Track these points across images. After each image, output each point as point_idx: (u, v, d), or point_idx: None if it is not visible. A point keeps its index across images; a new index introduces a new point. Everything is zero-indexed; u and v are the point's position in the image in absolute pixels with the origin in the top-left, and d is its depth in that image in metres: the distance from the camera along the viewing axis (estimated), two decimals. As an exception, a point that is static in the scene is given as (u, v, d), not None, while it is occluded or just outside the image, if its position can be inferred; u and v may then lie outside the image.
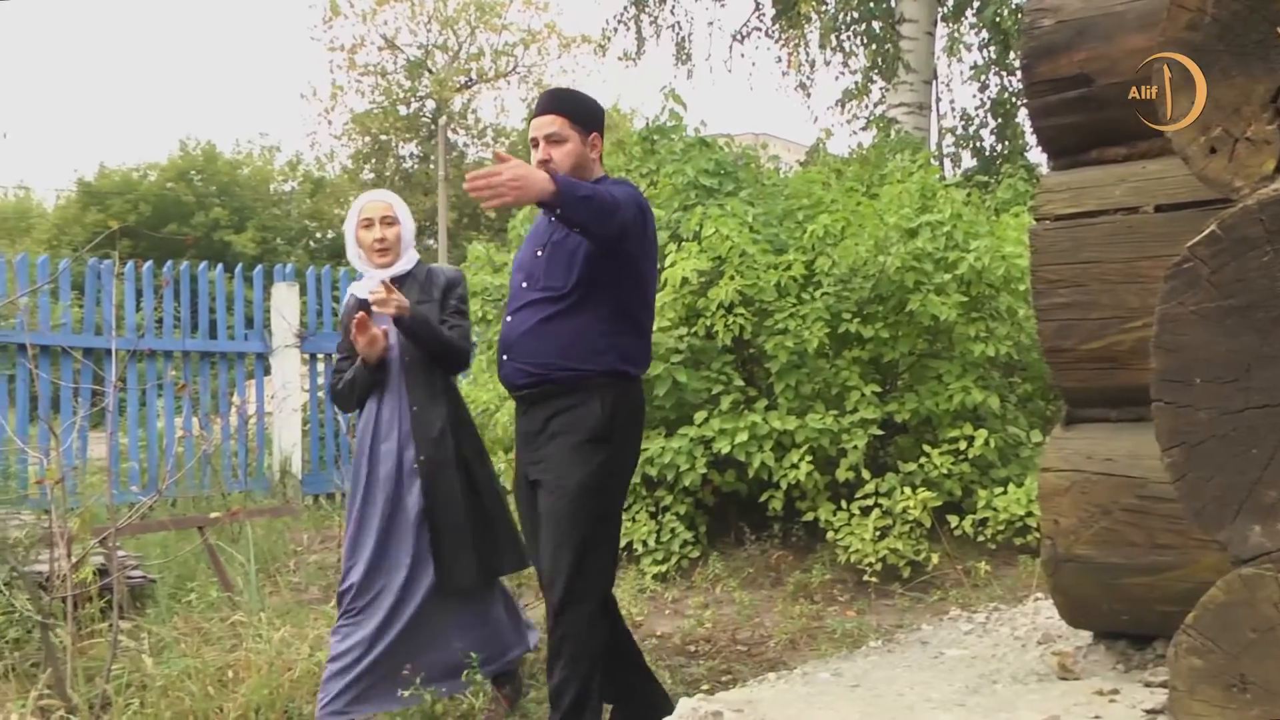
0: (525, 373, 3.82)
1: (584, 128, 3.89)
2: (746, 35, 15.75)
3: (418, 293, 4.39)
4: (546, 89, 4.01)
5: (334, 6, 34.30)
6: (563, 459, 3.75)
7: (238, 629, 5.16)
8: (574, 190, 3.48)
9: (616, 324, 3.82)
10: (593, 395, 3.75)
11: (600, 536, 3.79)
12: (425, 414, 4.35)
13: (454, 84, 35.42)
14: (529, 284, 3.88)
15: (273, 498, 9.30)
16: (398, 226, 4.45)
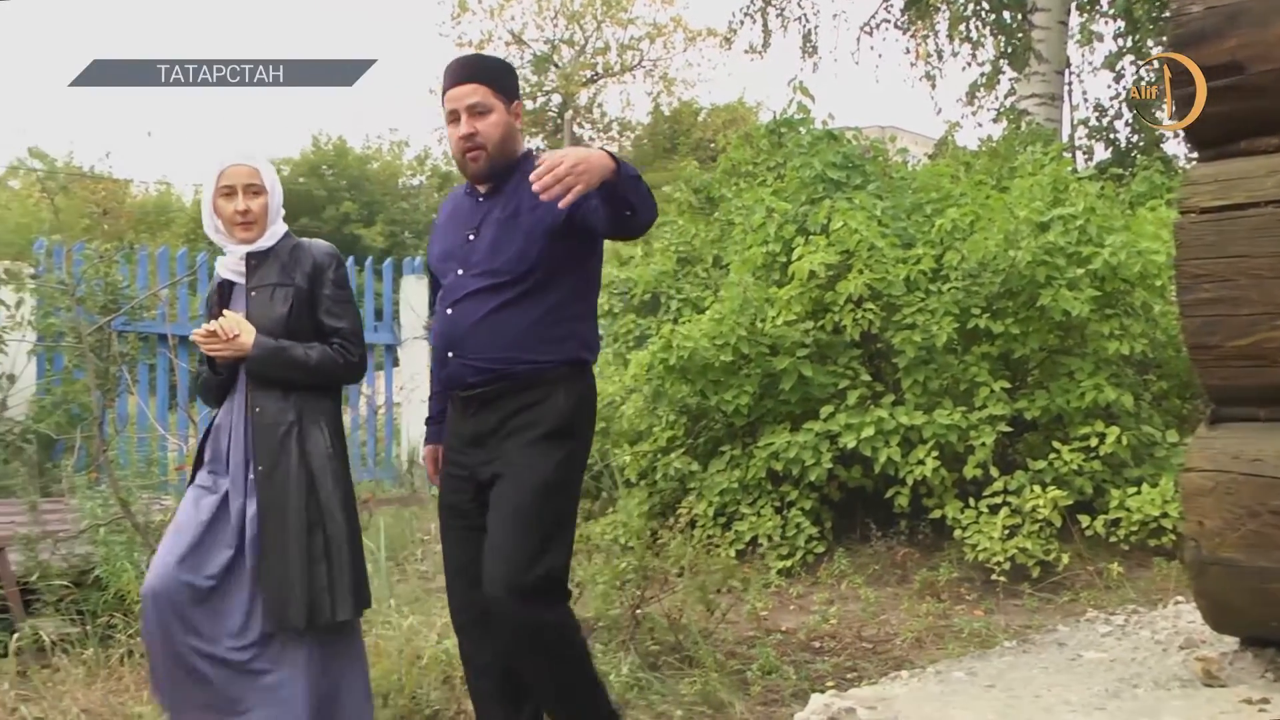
0: (478, 370, 3.42)
1: (506, 96, 3.51)
2: (874, 27, 15.58)
3: (276, 273, 3.80)
4: (456, 57, 3.58)
5: (462, 3, 34.74)
6: (525, 454, 3.37)
7: (367, 616, 5.24)
8: (629, 169, 3.15)
9: (575, 308, 3.49)
10: (555, 388, 3.41)
11: (563, 538, 3.44)
12: (267, 417, 3.70)
13: (580, 78, 35.63)
14: (465, 271, 3.47)
15: (400, 487, 9.44)
16: (264, 196, 3.82)
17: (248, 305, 3.76)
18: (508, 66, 3.68)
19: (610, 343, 8.69)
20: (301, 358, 3.71)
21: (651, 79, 36.61)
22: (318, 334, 3.78)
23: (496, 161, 3.47)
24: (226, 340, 3.63)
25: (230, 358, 3.68)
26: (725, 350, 6.77)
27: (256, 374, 3.70)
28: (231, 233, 3.81)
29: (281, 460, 3.66)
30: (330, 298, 3.82)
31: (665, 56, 36.37)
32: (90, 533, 5.50)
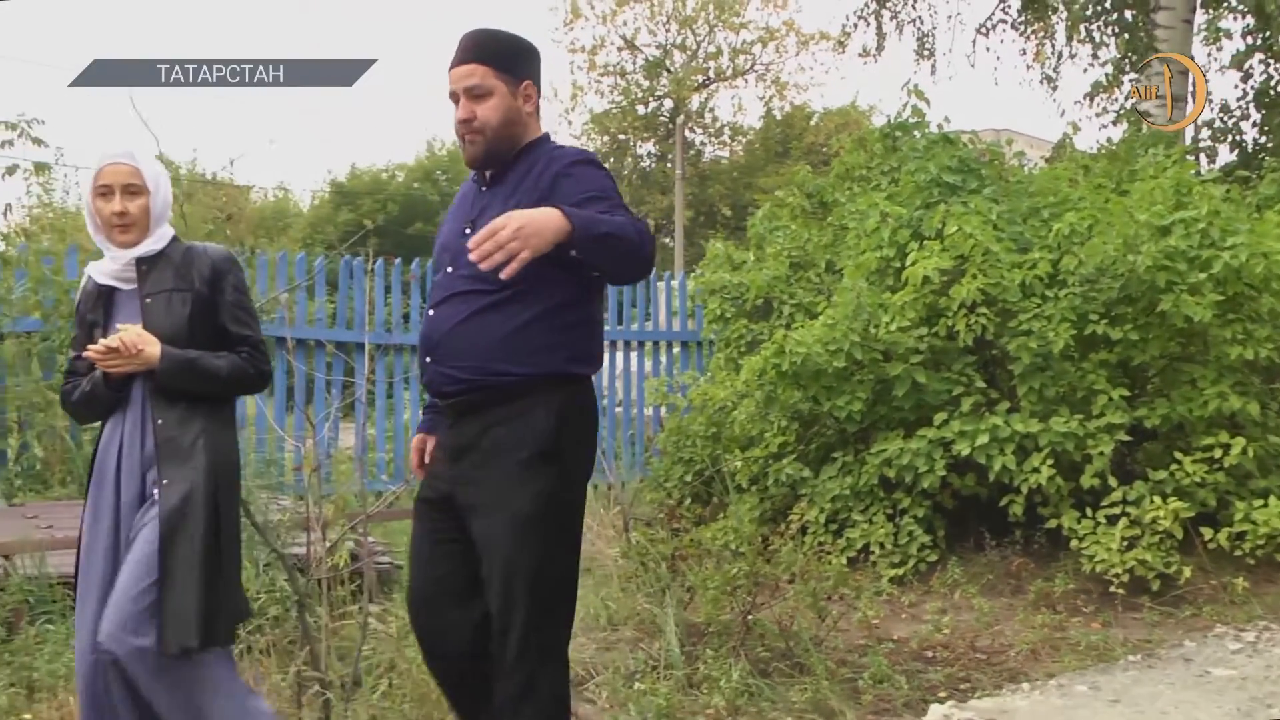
0: (454, 378, 3.15)
1: (513, 75, 3.21)
2: (991, 28, 15.36)
3: (171, 279, 3.53)
4: (466, 32, 3.30)
5: (575, 9, 34.92)
6: (504, 480, 3.09)
7: (480, 616, 5.29)
8: (590, 228, 2.88)
9: (568, 315, 3.16)
10: (537, 402, 3.10)
11: (558, 571, 3.16)
12: (171, 428, 3.46)
13: (692, 83, 35.62)
14: (456, 269, 3.19)
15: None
16: (144, 197, 3.51)
17: (143, 313, 3.48)
18: (516, 44, 3.29)
19: (722, 348, 8.69)
20: (213, 368, 3.49)
21: (764, 83, 36.45)
22: (219, 341, 3.54)
23: (495, 147, 3.20)
24: (130, 355, 3.36)
25: (131, 372, 3.42)
26: (838, 356, 6.73)
27: (164, 387, 3.44)
28: (109, 235, 3.52)
29: (188, 474, 3.41)
30: (233, 304, 3.58)
31: (778, 60, 36.15)
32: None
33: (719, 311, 8.60)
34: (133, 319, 3.47)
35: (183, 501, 3.38)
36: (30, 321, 7.85)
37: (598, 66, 35.66)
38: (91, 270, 3.61)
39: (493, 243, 2.78)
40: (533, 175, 3.16)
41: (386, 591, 5.84)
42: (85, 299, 3.61)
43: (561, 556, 3.16)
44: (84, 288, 3.65)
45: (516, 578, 3.06)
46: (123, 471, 3.46)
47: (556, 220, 2.82)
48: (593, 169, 3.21)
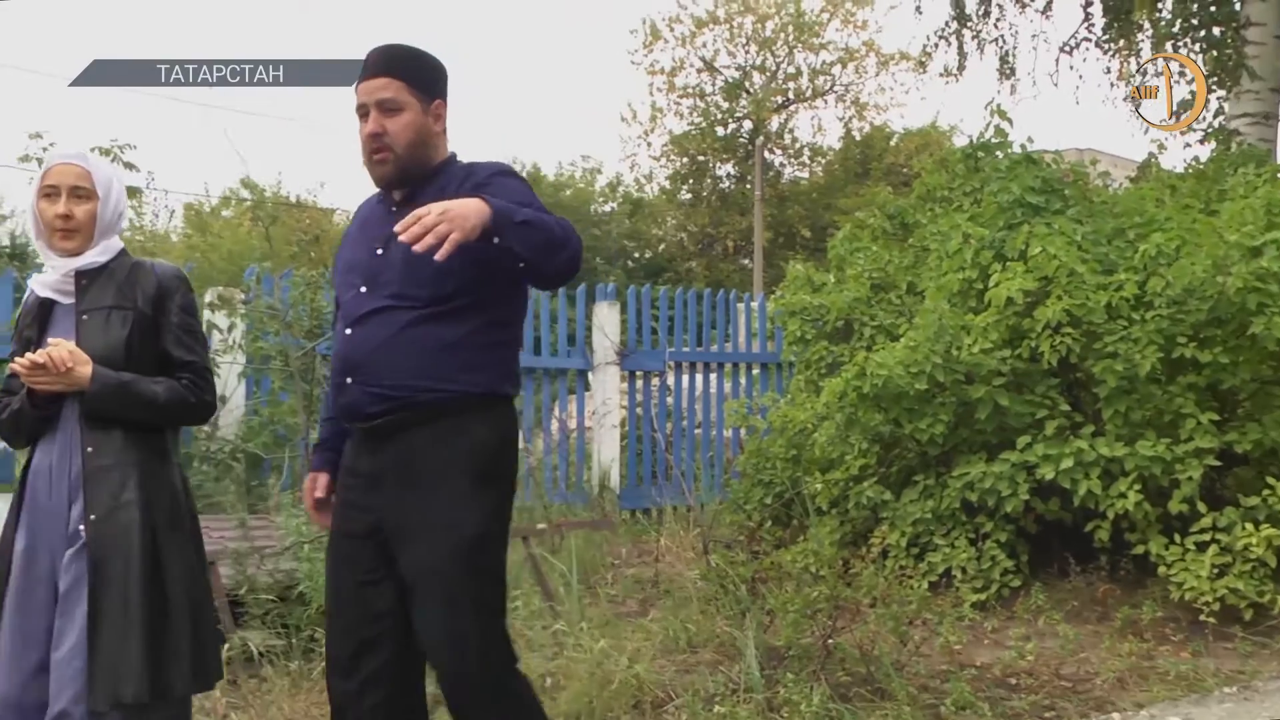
0: (379, 397, 2.99)
1: (425, 93, 3.11)
2: (1074, 46, 15.19)
3: (112, 295, 3.27)
4: (376, 47, 3.16)
5: (654, 31, 35.08)
6: (444, 503, 2.95)
7: (559, 638, 5.31)
8: (511, 214, 2.79)
9: (496, 334, 3.08)
10: (471, 421, 3.00)
11: (499, 597, 3.08)
12: (103, 458, 3.18)
13: (771, 104, 35.61)
14: (371, 289, 3.06)
15: (591, 511, 9.54)
16: (93, 203, 3.28)
17: (78, 331, 3.23)
18: (431, 61, 3.18)
19: (802, 370, 8.65)
20: (149, 394, 3.22)
21: (843, 104, 36.35)
22: (160, 366, 3.29)
23: (407, 166, 3.08)
24: (59, 373, 3.10)
25: (59, 392, 3.17)
26: (920, 378, 6.67)
27: (94, 411, 3.18)
28: (50, 241, 3.28)
29: (120, 509, 3.14)
30: (179, 326, 3.32)
31: (857, 81, 36.03)
32: (295, 549, 5.70)
33: (799, 333, 8.56)
34: (67, 336, 3.21)
35: (113, 540, 3.12)
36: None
37: (677, 88, 35.79)
38: (33, 282, 3.37)
39: (420, 226, 2.67)
40: (449, 191, 3.01)
41: (467, 611, 5.87)
42: (25, 312, 3.36)
43: (499, 578, 3.08)
44: (25, 300, 3.40)
45: (465, 599, 2.94)
46: (51, 499, 3.19)
47: (478, 205, 2.73)
48: (513, 179, 3.12)
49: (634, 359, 10.53)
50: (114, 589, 3.09)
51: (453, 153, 3.21)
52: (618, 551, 8.23)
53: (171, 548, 3.22)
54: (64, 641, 3.06)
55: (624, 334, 10.66)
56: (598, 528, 7.96)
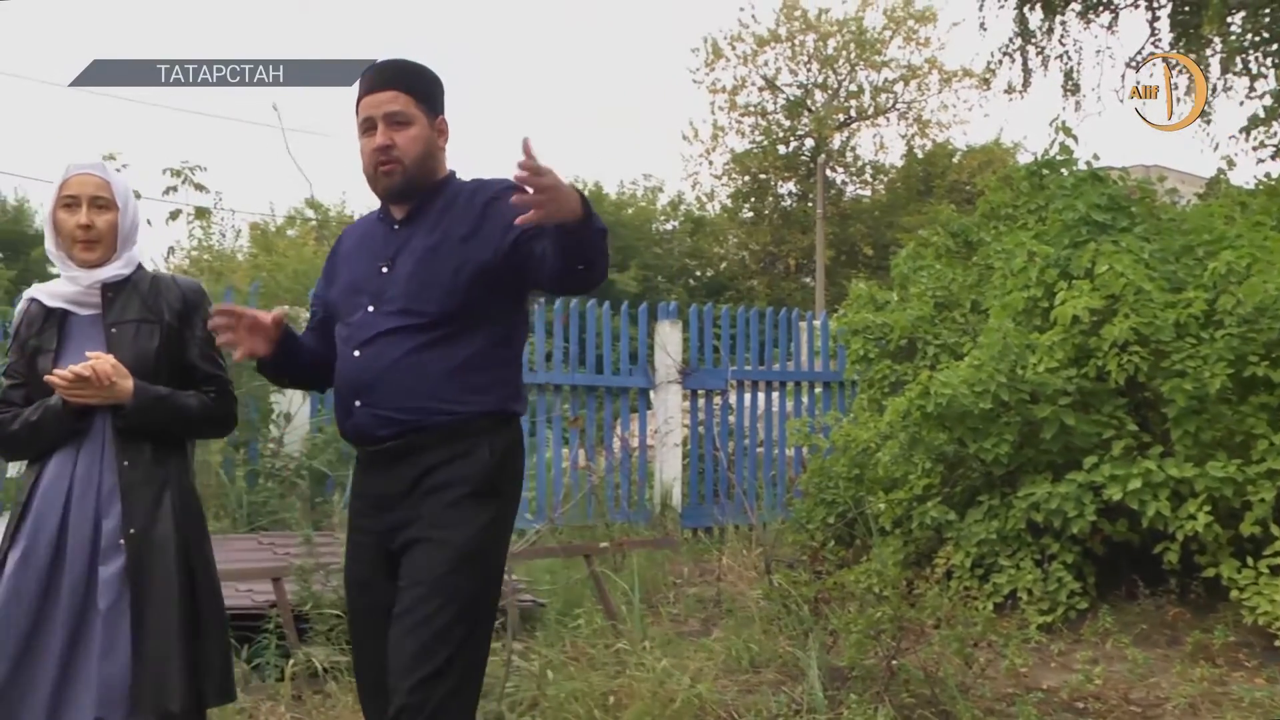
0: (390, 420, 2.97)
1: (430, 109, 3.10)
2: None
3: (138, 308, 3.30)
4: (378, 61, 3.15)
5: (716, 50, 35.10)
6: (444, 516, 2.93)
7: (621, 656, 5.31)
8: (598, 220, 2.76)
9: (501, 353, 3.07)
10: (478, 441, 2.97)
11: (486, 611, 2.99)
12: (140, 472, 3.21)
13: (833, 122, 35.52)
14: (378, 306, 3.03)
15: (653, 529, 9.54)
16: (113, 213, 3.29)
17: (108, 343, 3.23)
18: (434, 77, 3.17)
19: (865, 388, 8.62)
20: (184, 407, 3.27)
21: (905, 121, 36.18)
22: (183, 378, 3.32)
23: (414, 179, 3.06)
24: (102, 386, 3.11)
25: (96, 404, 3.17)
26: (984, 397, 6.62)
27: (131, 425, 3.20)
28: (71, 251, 3.28)
29: (159, 521, 3.18)
30: (205, 340, 3.32)
31: (920, 98, 35.85)
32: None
33: (862, 352, 8.53)
34: (93, 347, 3.20)
35: (153, 554, 3.15)
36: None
37: (739, 106, 35.78)
38: (38, 293, 3.35)
39: (533, 178, 2.58)
40: (457, 207, 3.04)
41: (529, 629, 5.89)
42: (28, 322, 3.32)
43: (491, 593, 3.00)
44: (25, 311, 3.36)
45: (450, 604, 2.86)
46: (71, 513, 3.16)
47: (575, 197, 2.67)
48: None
49: (696, 377, 10.52)
50: (156, 602, 3.13)
51: (452, 170, 3.18)
52: (679, 570, 8.22)
53: (200, 561, 3.27)
54: (113, 655, 3.08)
55: (686, 352, 10.67)
56: (660, 546, 7.96)
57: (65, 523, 3.15)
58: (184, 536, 3.22)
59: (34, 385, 3.24)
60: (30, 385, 3.26)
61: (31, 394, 3.25)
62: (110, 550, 3.14)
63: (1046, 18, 15.01)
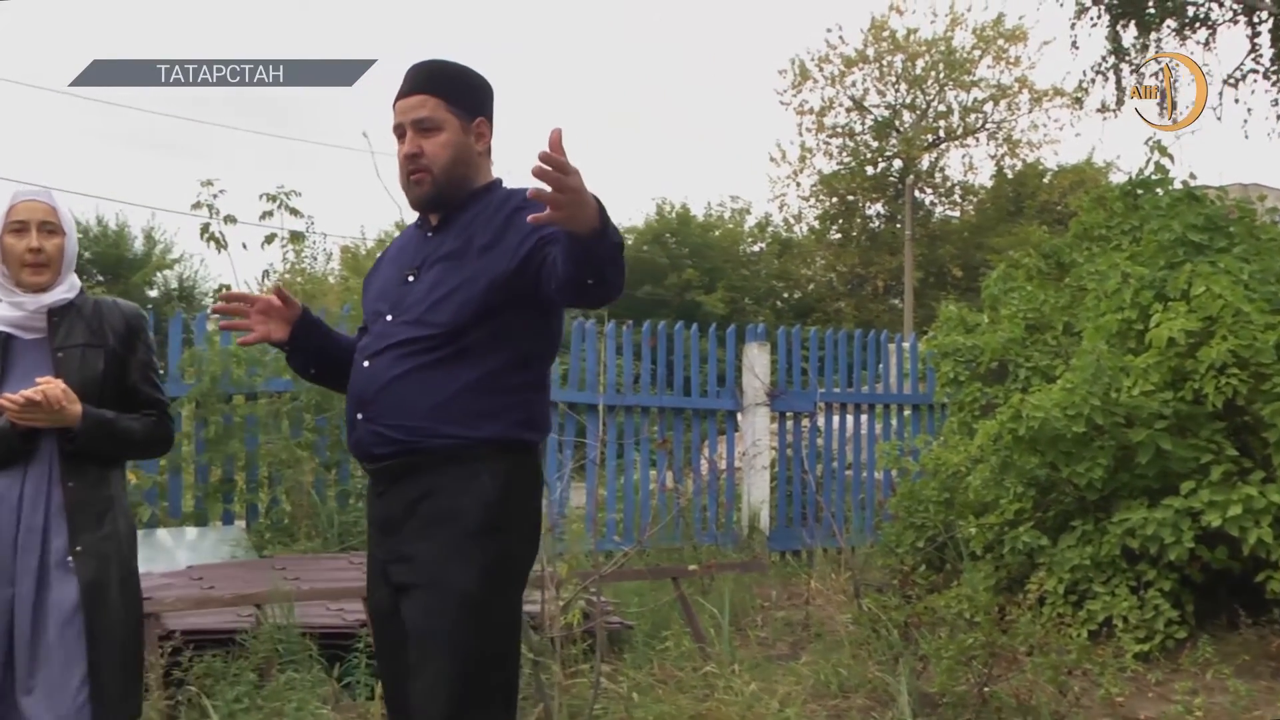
0: (387, 439, 2.82)
1: (465, 111, 2.93)
2: (1240, 79, 14.78)
3: (83, 332, 3.34)
4: (413, 64, 3.00)
5: (803, 71, 35.09)
6: (440, 556, 2.75)
7: (709, 679, 5.29)
8: (615, 232, 2.56)
9: (518, 376, 2.86)
10: (480, 470, 2.78)
11: (495, 659, 2.78)
12: (84, 492, 3.27)
13: (921, 143, 35.33)
14: (395, 317, 2.90)
15: (741, 552, 9.51)
16: (60, 237, 3.34)
17: (55, 367, 3.28)
18: (470, 77, 3.00)
19: (955, 411, 8.53)
20: (129, 430, 3.35)
21: (995, 141, 35.88)
22: (125, 401, 3.38)
23: (445, 188, 2.91)
24: (52, 411, 3.17)
25: (42, 426, 3.21)
26: (1077, 421, 6.52)
27: (78, 448, 3.25)
28: (18, 276, 3.31)
29: (104, 541, 3.26)
30: (146, 364, 3.43)
31: (1010, 118, 35.54)
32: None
33: (952, 374, 8.44)
34: (40, 371, 3.26)
35: (101, 573, 3.23)
36: (281, 382, 8.22)
37: (826, 128, 35.73)
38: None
39: (555, 173, 2.36)
40: (485, 215, 2.90)
41: (617, 651, 5.90)
42: None
43: (502, 640, 2.81)
44: None
45: (456, 661, 2.71)
46: (20, 532, 3.22)
47: (594, 205, 2.46)
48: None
49: (784, 400, 10.50)
50: (106, 616, 3.22)
51: (498, 178, 3.02)
52: (767, 593, 8.18)
53: (133, 578, 3.36)
54: (71, 669, 3.16)
55: (774, 374, 10.64)
56: (748, 569, 7.93)
57: (16, 540, 3.21)
58: (127, 554, 3.33)
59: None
60: None
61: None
62: (58, 568, 3.22)
63: (1140, 35, 14.82)
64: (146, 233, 40.27)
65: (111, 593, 3.25)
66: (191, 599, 5.46)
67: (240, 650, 5.22)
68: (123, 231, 38.84)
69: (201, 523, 7.97)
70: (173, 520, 8.00)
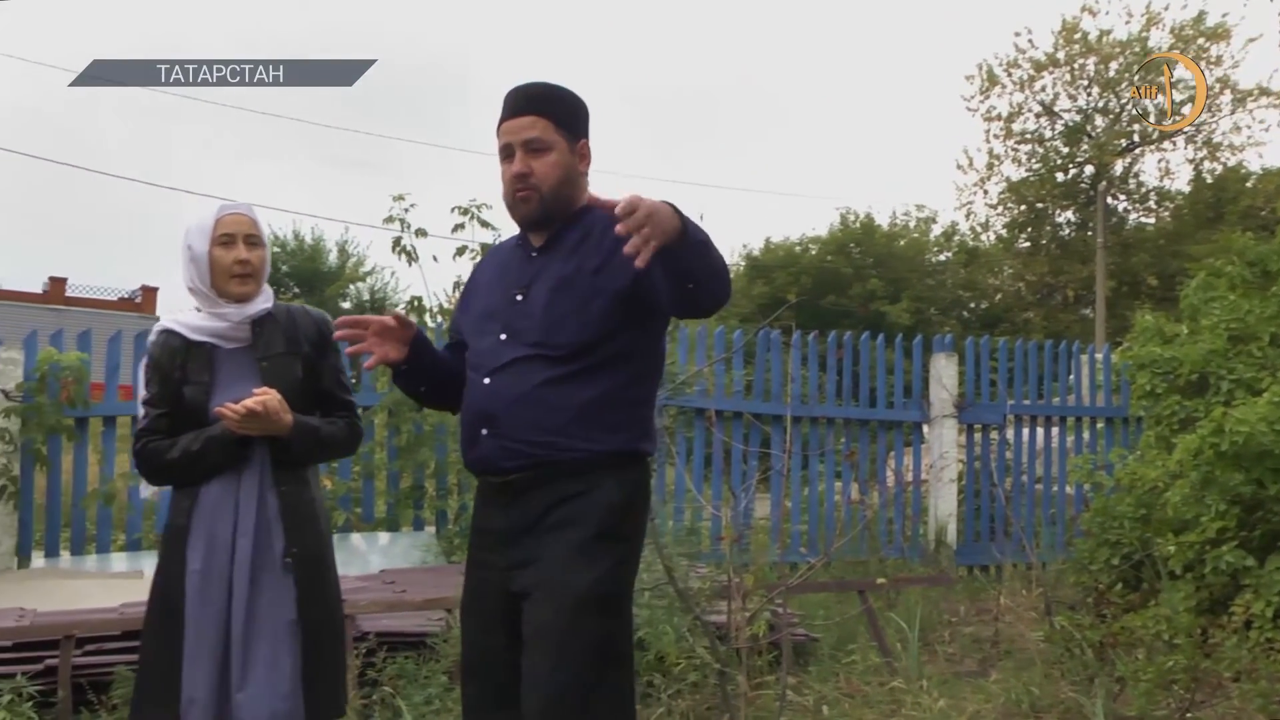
0: (516, 453, 2.89)
1: (570, 132, 3.01)
2: None
3: (282, 341, 3.50)
4: (517, 85, 3.06)
5: (991, 77, 34.40)
6: (565, 558, 2.83)
7: (896, 695, 5.23)
8: (696, 231, 2.59)
9: (636, 390, 2.97)
10: (606, 479, 2.89)
11: (615, 659, 2.86)
12: (295, 496, 3.44)
13: (1115, 147, 34.29)
14: (511, 337, 2.97)
15: (927, 566, 9.36)
16: (262, 249, 3.51)
17: (261, 376, 3.43)
18: (576, 100, 3.09)
19: (1152, 425, 8.25)
20: (333, 437, 3.52)
21: (1194, 144, 34.60)
22: (318, 405, 3.53)
23: (552, 207, 2.99)
24: (271, 421, 3.33)
25: (257, 435, 3.36)
26: (1286, 436, 6.24)
27: (289, 455, 3.43)
28: (224, 286, 3.45)
29: (313, 542, 3.44)
30: (336, 368, 3.59)
31: (1210, 120, 34.23)
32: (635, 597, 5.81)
33: (1149, 387, 8.16)
34: (246, 380, 3.41)
35: (313, 575, 3.41)
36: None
37: (1014, 134, 34.96)
38: (176, 325, 3.49)
39: (635, 220, 2.44)
40: (593, 237, 2.95)
41: (803, 664, 5.86)
42: (167, 354, 3.47)
43: (619, 640, 2.88)
44: (162, 343, 3.49)
45: (574, 658, 2.78)
46: (238, 536, 3.36)
47: (669, 211, 2.52)
48: None
49: (972, 411, 10.31)
50: (317, 617, 3.39)
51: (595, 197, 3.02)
52: (955, 608, 8.03)
53: (336, 580, 3.54)
54: (283, 668, 3.31)
55: (961, 386, 10.45)
56: (935, 583, 7.80)
57: (233, 545, 3.35)
58: (330, 558, 3.51)
59: (179, 414, 3.42)
60: (175, 414, 3.43)
61: (175, 422, 3.43)
62: (274, 571, 3.36)
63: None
64: (340, 246, 41.64)
65: (320, 595, 3.42)
66: (384, 602, 5.62)
67: (430, 653, 5.34)
68: (318, 245, 40.21)
69: (393, 528, 8.19)
70: (366, 525, 8.24)
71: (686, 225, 2.55)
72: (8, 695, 4.52)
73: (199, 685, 3.26)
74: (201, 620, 3.30)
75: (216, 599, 3.32)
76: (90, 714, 4.80)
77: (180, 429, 3.42)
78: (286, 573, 3.36)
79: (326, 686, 3.39)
